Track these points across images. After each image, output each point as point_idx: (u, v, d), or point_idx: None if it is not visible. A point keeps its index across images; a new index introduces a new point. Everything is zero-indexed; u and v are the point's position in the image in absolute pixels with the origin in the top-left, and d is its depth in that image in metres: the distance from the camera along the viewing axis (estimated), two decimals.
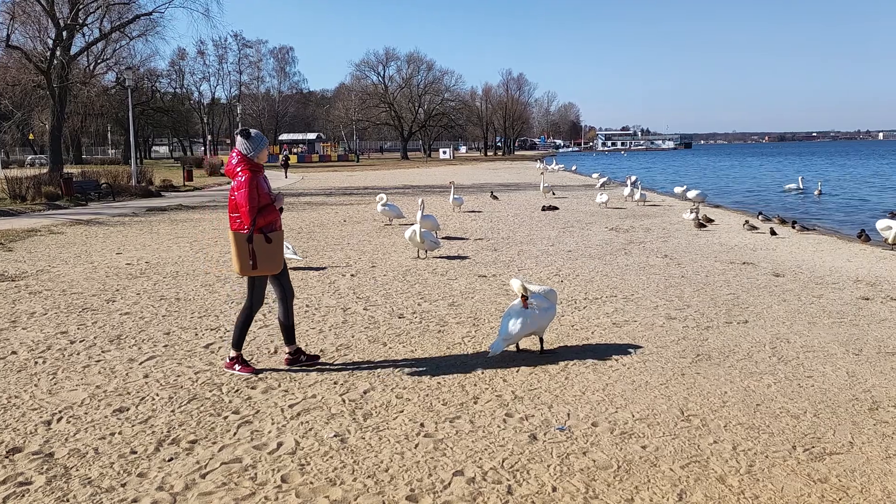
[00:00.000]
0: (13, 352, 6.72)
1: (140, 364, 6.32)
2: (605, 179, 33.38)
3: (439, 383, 5.76)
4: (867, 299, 8.70)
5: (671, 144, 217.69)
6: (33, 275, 10.93)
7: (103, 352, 6.71)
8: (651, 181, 43.78)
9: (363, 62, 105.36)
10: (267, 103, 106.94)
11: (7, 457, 4.43)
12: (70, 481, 4.10)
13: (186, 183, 38.47)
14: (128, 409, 5.22)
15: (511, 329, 6.27)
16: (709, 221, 17.02)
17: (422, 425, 4.90)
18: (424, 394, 5.52)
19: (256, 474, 4.19)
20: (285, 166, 54.67)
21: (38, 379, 5.92)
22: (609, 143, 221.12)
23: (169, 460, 4.38)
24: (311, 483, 4.08)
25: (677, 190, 27.41)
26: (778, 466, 4.23)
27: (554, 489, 3.99)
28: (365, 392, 5.57)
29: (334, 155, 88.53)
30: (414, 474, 4.18)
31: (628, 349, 6.63)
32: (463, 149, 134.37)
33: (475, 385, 5.71)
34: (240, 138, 6.03)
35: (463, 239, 14.91)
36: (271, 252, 5.92)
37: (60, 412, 5.18)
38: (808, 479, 4.07)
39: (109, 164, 45.73)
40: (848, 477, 4.10)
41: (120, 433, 4.79)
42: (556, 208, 21.66)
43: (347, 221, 18.94)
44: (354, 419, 5.02)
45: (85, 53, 43.75)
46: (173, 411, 5.18)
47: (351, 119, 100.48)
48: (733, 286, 9.55)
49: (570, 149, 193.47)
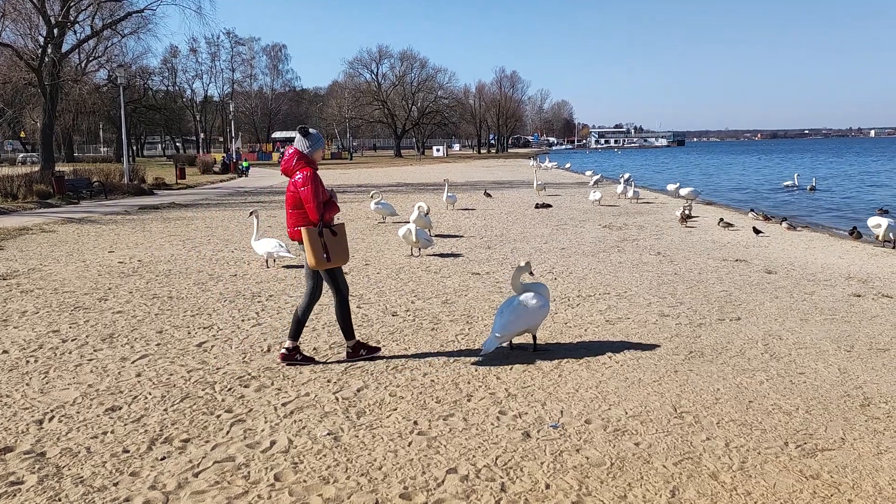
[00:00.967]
0: (4, 351, 6.69)
1: (132, 363, 6.29)
2: (599, 177, 33.41)
3: (433, 381, 5.76)
4: (859, 296, 8.74)
5: (664, 142, 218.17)
6: (25, 273, 10.88)
7: (95, 350, 6.69)
8: (645, 178, 43.86)
9: (356, 60, 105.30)
10: (260, 101, 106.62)
11: None
12: (62, 480, 4.09)
13: (179, 181, 38.36)
14: (120, 408, 5.21)
15: (504, 326, 6.28)
16: (690, 218, 17.09)
17: (415, 423, 4.90)
18: (418, 392, 5.52)
19: (249, 473, 4.19)
20: None
21: (30, 378, 5.90)
22: (602, 141, 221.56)
23: (161, 459, 4.36)
24: (305, 481, 4.08)
25: (670, 187, 27.47)
26: (770, 463, 4.25)
27: (547, 486, 3.99)
28: (358, 390, 5.56)
29: (327, 153, 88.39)
30: (407, 472, 4.18)
31: (621, 346, 6.64)
32: (456, 146, 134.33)
33: (468, 383, 5.71)
34: (299, 135, 6.22)
35: (456, 237, 14.91)
36: (340, 243, 6.19)
37: (52, 411, 5.15)
38: (800, 476, 4.08)
39: (101, 163, 45.57)
40: (840, 473, 4.12)
41: (112, 432, 4.77)
42: (550, 206, 21.68)
43: (340, 219, 18.88)
44: (348, 417, 5.01)
45: (76, 51, 43.50)
46: (166, 410, 5.17)
47: (344, 117, 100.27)
48: (726, 283, 9.58)
49: (564, 146, 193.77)
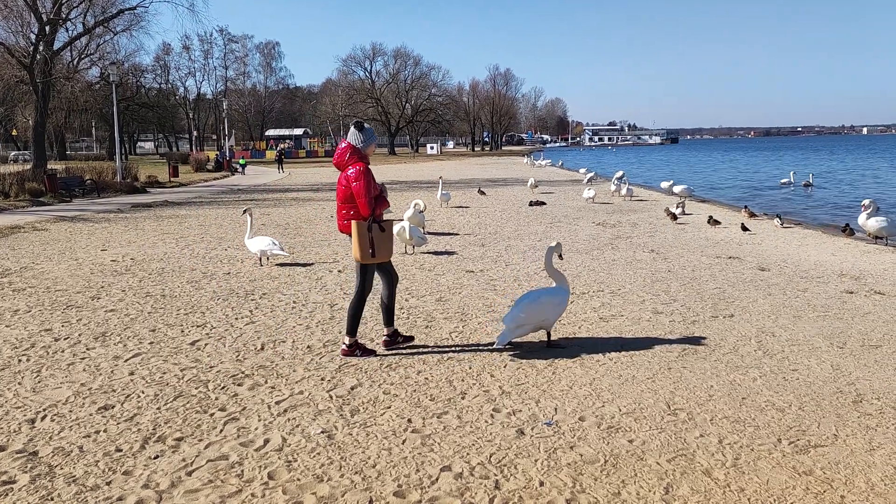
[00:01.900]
0: None
1: (125, 361, 6.27)
2: (593, 175, 33.44)
3: (427, 379, 5.75)
4: (851, 293, 8.77)
5: (658, 140, 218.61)
6: (17, 272, 10.83)
7: (88, 349, 6.66)
8: (639, 176, 43.93)
9: (350, 57, 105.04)
10: (253, 99, 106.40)
11: None
12: (54, 480, 4.07)
13: (172, 179, 38.26)
14: (113, 407, 5.19)
15: (518, 321, 6.31)
16: (676, 217, 17.12)
17: (409, 421, 4.90)
18: (412, 389, 5.51)
19: (243, 471, 4.18)
20: (280, 161, 55.22)
21: (22, 377, 5.87)
22: (596, 139, 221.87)
23: (155, 458, 4.35)
24: (298, 479, 4.07)
25: (664, 185, 27.51)
26: (763, 459, 4.26)
27: (541, 484, 3.99)
28: (352, 388, 5.55)
29: (321, 150, 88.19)
30: (401, 470, 4.17)
31: (615, 344, 6.65)
32: (450, 144, 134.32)
33: (463, 380, 5.71)
34: (353, 129, 6.31)
35: (451, 234, 14.90)
36: (386, 240, 6.25)
37: (45, 410, 5.13)
38: (793, 472, 4.10)
39: (94, 161, 45.35)
40: (832, 469, 4.13)
41: (105, 431, 4.75)
42: (544, 203, 21.69)
43: (335, 217, 18.85)
44: (342, 415, 5.01)
45: (68, 48, 43.32)
46: (159, 409, 5.15)
47: (338, 114, 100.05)
48: (719, 280, 9.60)
49: (558, 144, 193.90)
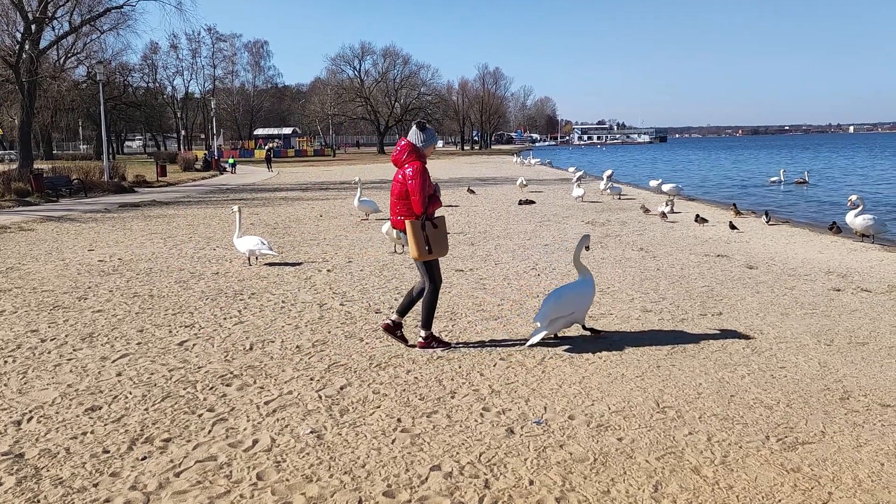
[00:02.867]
0: None
1: (113, 362, 6.23)
2: (582, 173, 33.46)
3: (416, 378, 5.74)
4: (838, 290, 8.82)
5: (647, 138, 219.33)
6: (3, 272, 10.74)
7: (75, 350, 6.61)
8: (629, 175, 44.07)
9: (339, 56, 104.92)
10: (241, 98, 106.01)
11: None
12: (41, 482, 4.03)
13: (160, 178, 38.07)
14: (100, 408, 5.15)
15: (549, 317, 6.43)
16: (663, 215, 17.26)
17: (399, 420, 4.89)
18: (401, 389, 5.50)
19: (232, 472, 4.16)
20: (269, 160, 55.32)
21: (8, 378, 5.82)
22: (585, 137, 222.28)
23: (142, 459, 4.32)
24: (287, 480, 4.05)
25: (653, 183, 27.61)
26: (752, 456, 4.28)
27: (531, 482, 3.99)
28: (341, 388, 5.54)
29: (310, 150, 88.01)
30: (391, 470, 4.16)
31: (605, 342, 6.66)
32: (440, 143, 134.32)
33: (452, 380, 5.70)
34: (415, 128, 6.42)
35: None
36: (441, 236, 6.37)
37: (31, 412, 5.09)
38: (781, 469, 4.12)
39: (81, 160, 44.97)
40: (820, 466, 4.15)
41: (92, 432, 4.72)
42: (533, 202, 21.72)
43: (324, 216, 18.85)
44: (331, 415, 4.99)
45: (55, 47, 43.06)
46: (147, 409, 5.12)
47: (327, 114, 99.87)
48: (708, 278, 9.64)
49: (547, 143, 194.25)
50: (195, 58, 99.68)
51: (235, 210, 11.55)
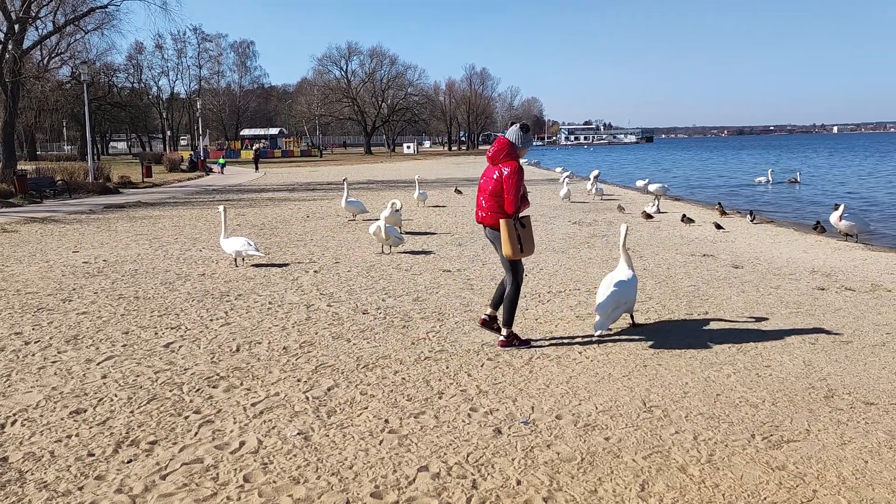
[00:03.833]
0: None
1: (98, 364, 6.18)
2: (569, 174, 33.57)
3: (404, 379, 5.74)
4: (823, 289, 8.89)
5: (633, 139, 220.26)
6: None
7: (59, 352, 6.56)
8: (615, 175, 44.25)
9: (325, 56, 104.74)
10: (228, 98, 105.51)
11: None
12: (25, 485, 4.00)
13: (146, 179, 37.82)
14: (85, 411, 5.11)
15: (612, 306, 6.65)
16: (647, 216, 17.38)
17: (386, 421, 4.88)
18: (389, 390, 5.50)
19: (218, 474, 4.13)
20: (256, 161, 55.29)
21: None
22: (572, 138, 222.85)
23: (128, 462, 4.29)
24: (274, 482, 4.04)
25: (639, 183, 27.75)
26: (737, 455, 4.30)
27: (518, 482, 4.00)
28: (329, 389, 5.52)
29: (297, 150, 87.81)
30: (378, 471, 4.16)
31: (591, 342, 6.68)
32: (427, 143, 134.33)
33: (440, 380, 5.70)
34: (517, 129, 6.54)
35: (428, 234, 14.89)
36: (529, 235, 6.53)
37: (14, 415, 5.04)
38: (767, 467, 4.14)
39: (65, 161, 44.62)
40: (805, 464, 4.18)
41: (77, 435, 4.68)
42: None
43: (311, 217, 18.79)
44: (318, 416, 4.98)
45: (38, 47, 42.70)
46: (132, 412, 5.08)
47: (313, 114, 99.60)
48: (694, 278, 9.69)
49: (534, 143, 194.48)
50: (181, 58, 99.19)
51: (221, 210, 11.50)
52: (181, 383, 5.69)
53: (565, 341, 6.73)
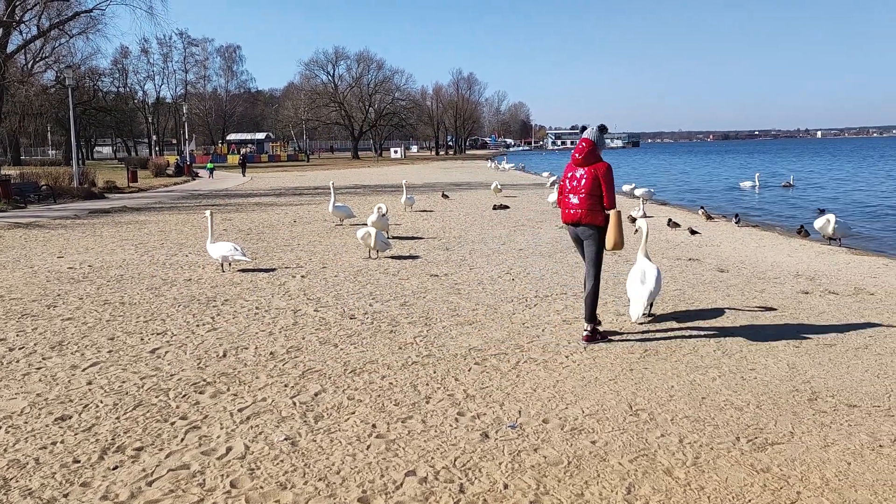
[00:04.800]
0: None
1: (83, 371, 6.15)
2: (556, 178, 33.70)
3: (391, 384, 5.74)
4: (807, 293, 8.97)
5: (619, 143, 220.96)
6: None
7: (44, 359, 6.51)
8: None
9: (312, 61, 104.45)
10: (214, 102, 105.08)
11: None
12: (9, 493, 3.97)
13: (131, 184, 37.62)
14: (70, 417, 5.08)
15: (645, 293, 7.37)
16: (632, 220, 17.50)
17: (374, 426, 4.88)
18: (376, 395, 5.50)
19: (205, 480, 4.12)
20: (243, 165, 55.30)
21: None
22: (559, 143, 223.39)
23: (114, 468, 4.27)
24: (262, 487, 4.03)
25: (626, 188, 27.89)
26: (722, 457, 4.34)
27: (506, 486, 4.01)
28: (316, 394, 5.52)
29: (284, 155, 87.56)
30: (366, 476, 4.16)
31: (578, 346, 6.71)
32: (414, 148, 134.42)
33: (427, 385, 5.71)
34: (597, 130, 6.92)
35: (415, 238, 14.90)
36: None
37: None
38: (751, 469, 4.18)
39: (50, 166, 44.28)
40: (789, 466, 4.22)
41: (62, 442, 4.66)
42: (508, 207, 21.80)
43: (298, 222, 18.76)
44: (305, 422, 4.97)
45: (22, 51, 42.38)
46: (118, 418, 5.06)
47: (300, 119, 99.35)
48: (680, 282, 9.75)
49: (521, 148, 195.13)
50: (166, 62, 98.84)
51: (208, 215, 11.47)
52: (167, 389, 5.67)
53: (552, 345, 6.75)
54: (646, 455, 4.39)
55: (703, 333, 7.10)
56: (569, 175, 6.88)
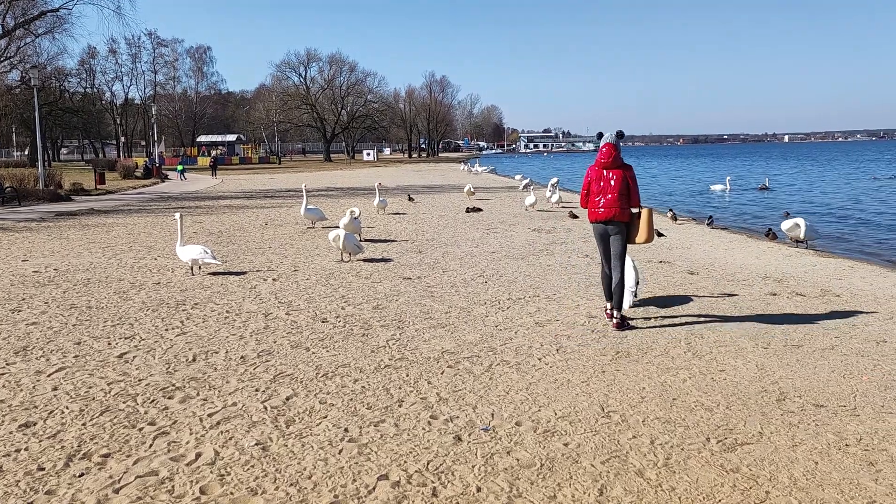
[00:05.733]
0: None
1: (48, 376, 6.02)
2: (528, 181, 33.84)
3: (363, 387, 5.71)
4: (775, 294, 9.10)
5: (591, 146, 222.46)
6: None
7: (7, 364, 6.37)
8: (573, 182, 44.71)
9: (284, 63, 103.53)
10: (184, 104, 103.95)
11: None
12: None
13: (98, 186, 37.00)
14: (35, 424, 4.97)
15: (631, 282, 8.00)
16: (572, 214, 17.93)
17: (346, 430, 4.85)
18: (348, 398, 5.46)
19: (174, 487, 4.06)
20: (213, 168, 54.92)
21: None
22: (531, 146, 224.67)
23: (80, 476, 4.19)
24: (232, 493, 3.98)
25: None
26: (693, 458, 4.38)
27: (478, 489, 4.01)
28: (287, 398, 5.47)
29: (255, 157, 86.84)
30: (338, 480, 4.13)
31: (551, 348, 6.74)
32: (387, 150, 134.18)
33: (400, 388, 5.69)
34: (615, 137, 7.48)
35: (388, 241, 14.86)
36: None
37: None
38: (722, 470, 4.22)
39: (14, 167, 43.51)
40: (758, 466, 4.27)
41: (26, 449, 4.55)
42: (481, 210, 21.84)
43: (269, 224, 18.60)
44: (276, 426, 4.92)
45: None
46: (84, 424, 4.96)
47: (272, 120, 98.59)
48: (650, 284, 9.83)
49: (494, 151, 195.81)
50: (135, 63, 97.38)
51: (177, 218, 11.33)
52: (135, 394, 5.57)
53: (524, 348, 6.77)
54: (618, 456, 4.41)
55: (674, 335, 7.17)
56: (596, 178, 7.45)
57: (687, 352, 6.60)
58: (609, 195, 7.31)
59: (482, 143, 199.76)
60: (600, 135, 7.56)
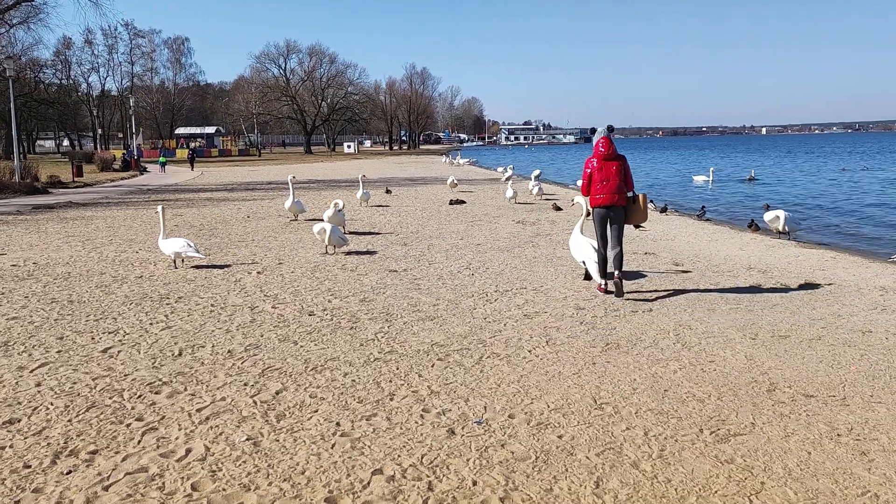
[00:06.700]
0: None
1: (31, 372, 5.91)
2: (511, 174, 33.82)
3: (354, 381, 5.66)
4: (760, 286, 9.15)
5: (572, 139, 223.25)
6: None
7: None
8: (554, 173, 44.79)
9: (263, 54, 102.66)
10: (161, 96, 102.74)
11: None
12: None
13: (76, 179, 36.52)
14: (19, 421, 4.87)
15: (593, 254, 8.75)
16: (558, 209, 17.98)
17: (338, 424, 4.80)
18: (339, 392, 5.41)
19: (164, 483, 3.99)
20: (191, 160, 54.54)
21: None
22: (512, 138, 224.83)
23: (67, 473, 4.10)
24: (224, 490, 3.92)
25: (579, 183, 28.12)
26: (687, 450, 4.38)
27: (474, 483, 3.98)
28: (277, 393, 5.40)
29: (235, 149, 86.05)
30: (332, 475, 4.08)
31: (540, 340, 6.72)
32: (368, 143, 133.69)
33: (390, 381, 5.64)
34: (607, 132, 8.50)
35: (372, 234, 14.78)
36: None
37: None
38: (716, 461, 4.22)
39: None
40: (752, 457, 4.28)
41: (11, 447, 4.46)
42: (464, 202, 21.80)
43: (252, 217, 18.44)
44: (267, 421, 4.86)
45: None
46: (70, 421, 4.87)
47: (251, 112, 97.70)
48: (636, 277, 9.84)
49: (475, 143, 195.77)
50: (112, 54, 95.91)
51: (159, 210, 11.17)
52: (121, 390, 5.48)
53: (514, 340, 6.75)
54: (612, 449, 4.40)
55: (662, 326, 7.18)
56: (597, 167, 8.41)
57: (676, 343, 6.61)
58: (613, 181, 8.33)
59: (463, 136, 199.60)
60: (594, 130, 8.58)
